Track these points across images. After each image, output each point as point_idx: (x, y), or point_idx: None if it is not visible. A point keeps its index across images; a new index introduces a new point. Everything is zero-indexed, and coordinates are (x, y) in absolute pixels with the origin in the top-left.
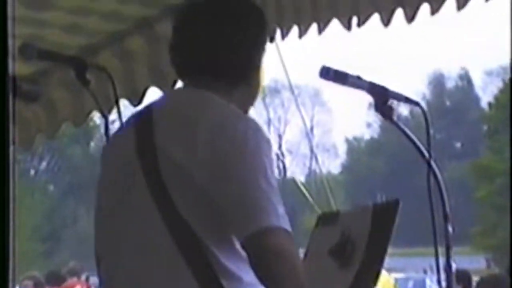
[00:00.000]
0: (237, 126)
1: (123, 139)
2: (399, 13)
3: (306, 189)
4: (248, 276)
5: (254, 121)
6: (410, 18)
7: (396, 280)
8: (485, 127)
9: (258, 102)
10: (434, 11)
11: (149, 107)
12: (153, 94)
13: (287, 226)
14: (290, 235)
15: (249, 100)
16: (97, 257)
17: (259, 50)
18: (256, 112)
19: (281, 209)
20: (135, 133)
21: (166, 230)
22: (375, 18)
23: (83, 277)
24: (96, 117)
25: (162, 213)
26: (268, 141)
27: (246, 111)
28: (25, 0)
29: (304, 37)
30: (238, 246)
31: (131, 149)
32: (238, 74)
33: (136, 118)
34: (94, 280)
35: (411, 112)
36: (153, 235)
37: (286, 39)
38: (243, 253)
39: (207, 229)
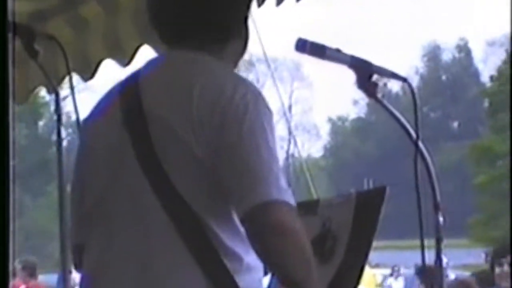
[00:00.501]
0: (235, 92)
1: (107, 111)
2: None
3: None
4: (249, 257)
5: (253, 85)
6: None
7: (385, 276)
8: (486, 104)
9: None
10: None
11: (134, 74)
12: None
13: (290, 199)
14: (292, 208)
15: (241, 53)
16: (76, 244)
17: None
18: None
19: (283, 181)
20: (121, 103)
21: (161, 207)
22: None
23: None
24: (44, 92)
25: (156, 190)
26: (268, 108)
27: (236, 64)
28: None
29: (282, 5)
30: (239, 224)
31: (118, 122)
32: (229, 27)
33: (121, 86)
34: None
35: (402, 88)
36: (147, 213)
37: (262, 6)
38: (242, 232)
39: (206, 205)
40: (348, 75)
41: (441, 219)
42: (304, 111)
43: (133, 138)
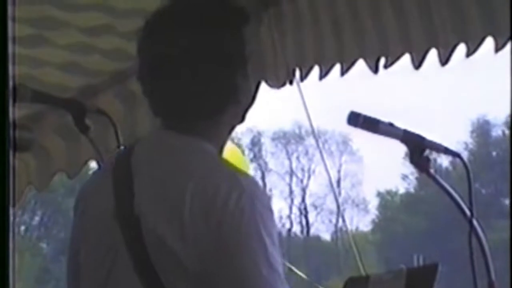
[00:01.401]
0: (230, 195)
1: (100, 195)
2: (432, 54)
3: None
4: None
5: (249, 182)
6: (445, 60)
7: None
8: None
9: (280, 150)
10: (469, 53)
11: (127, 157)
12: None
13: None
14: None
15: (240, 115)
16: None
17: (246, 61)
18: (277, 162)
19: None
20: (114, 190)
21: None
22: (406, 59)
23: None
24: (94, 166)
25: None
26: (266, 206)
27: (233, 129)
28: (18, 35)
29: (328, 79)
30: None
31: (110, 213)
32: (224, 99)
33: (114, 170)
34: None
35: (452, 163)
36: None
37: (308, 80)
38: None
39: None
40: (397, 150)
41: None
42: (353, 185)
43: (125, 236)
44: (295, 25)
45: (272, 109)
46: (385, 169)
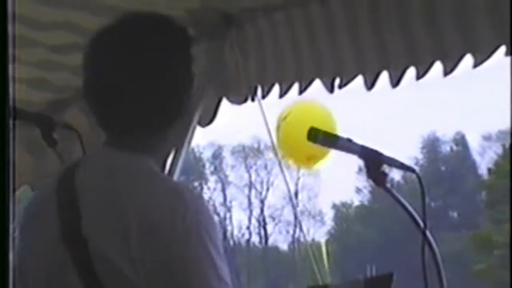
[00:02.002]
0: (175, 215)
1: (45, 218)
2: (384, 76)
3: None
4: None
5: (191, 194)
6: (395, 82)
7: None
8: (483, 196)
9: (240, 163)
10: (419, 76)
11: (70, 177)
12: None
13: None
14: None
15: (186, 130)
16: None
17: (188, 85)
18: (237, 175)
19: None
20: (59, 214)
21: None
22: (359, 80)
23: None
24: None
25: None
26: (209, 219)
27: (182, 143)
28: None
29: (287, 97)
30: None
31: (57, 236)
32: (168, 116)
33: (57, 191)
34: None
35: (403, 177)
36: None
37: (268, 97)
38: None
39: None
40: (352, 164)
41: None
42: (310, 198)
43: (73, 260)
44: (257, 45)
45: (232, 124)
46: (340, 183)
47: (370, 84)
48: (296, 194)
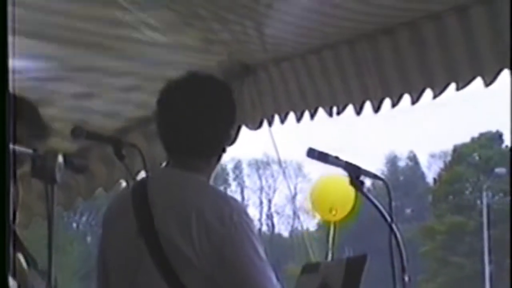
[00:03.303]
0: (224, 215)
1: (123, 217)
2: (367, 105)
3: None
4: None
5: (235, 201)
6: (376, 109)
7: None
8: (429, 198)
9: (253, 173)
10: (394, 104)
11: (142, 184)
12: None
13: None
14: None
15: (220, 159)
16: None
17: (232, 125)
18: (252, 181)
19: (272, 277)
20: (135, 213)
21: None
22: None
23: None
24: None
25: None
26: (248, 216)
27: (218, 162)
28: (75, 92)
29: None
30: None
31: (133, 231)
32: (216, 148)
33: (132, 193)
34: None
35: (372, 184)
36: None
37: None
38: None
39: None
40: (336, 174)
41: (406, 278)
42: (305, 198)
43: (149, 248)
44: (269, 85)
45: (248, 144)
46: None
47: (358, 110)
48: (294, 195)
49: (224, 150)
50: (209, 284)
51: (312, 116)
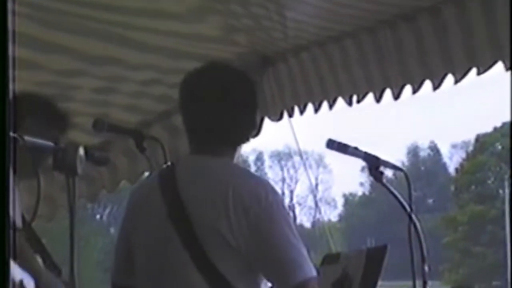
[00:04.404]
0: (260, 194)
1: (149, 199)
2: (387, 92)
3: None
4: None
5: (268, 182)
6: (396, 96)
7: None
8: (452, 188)
9: (275, 164)
10: (415, 91)
11: (170, 170)
12: None
13: (314, 271)
14: (316, 278)
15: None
16: (114, 282)
17: (254, 113)
18: (273, 172)
19: (307, 257)
20: (163, 196)
21: (204, 282)
22: (370, 96)
23: None
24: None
25: (200, 270)
26: (280, 196)
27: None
28: (95, 87)
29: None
30: (260, 283)
31: (162, 213)
32: (239, 136)
33: (159, 178)
34: None
35: (394, 174)
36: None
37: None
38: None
39: (240, 278)
40: (357, 164)
41: (426, 268)
42: (325, 189)
43: (179, 232)
44: (289, 76)
45: (270, 135)
46: (348, 178)
47: (378, 99)
48: (316, 186)
49: (248, 139)
50: (241, 263)
51: (331, 106)
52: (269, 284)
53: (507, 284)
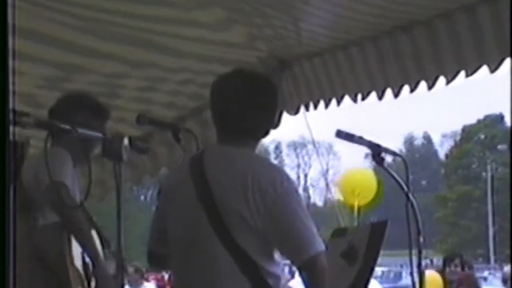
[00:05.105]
0: (276, 180)
1: (181, 183)
2: (388, 91)
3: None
4: (281, 272)
5: (283, 169)
6: (395, 94)
7: (382, 272)
8: (442, 171)
9: (292, 152)
10: (412, 90)
11: (199, 157)
12: None
13: (323, 246)
14: (325, 252)
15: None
16: (150, 250)
17: (274, 112)
18: (290, 159)
19: (316, 233)
20: (193, 180)
21: (229, 256)
22: (373, 94)
23: None
24: None
25: (225, 246)
26: (294, 182)
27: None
28: (138, 86)
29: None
30: (276, 256)
31: (193, 195)
32: (260, 131)
33: (190, 164)
34: None
35: (393, 160)
36: (218, 259)
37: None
38: (278, 259)
39: (261, 254)
40: (362, 152)
41: (421, 239)
42: (335, 173)
43: (206, 210)
44: (304, 78)
45: (287, 127)
46: (354, 163)
47: (380, 96)
48: (326, 171)
49: (267, 134)
50: (259, 240)
51: (339, 102)
52: (286, 262)
53: (489, 251)
